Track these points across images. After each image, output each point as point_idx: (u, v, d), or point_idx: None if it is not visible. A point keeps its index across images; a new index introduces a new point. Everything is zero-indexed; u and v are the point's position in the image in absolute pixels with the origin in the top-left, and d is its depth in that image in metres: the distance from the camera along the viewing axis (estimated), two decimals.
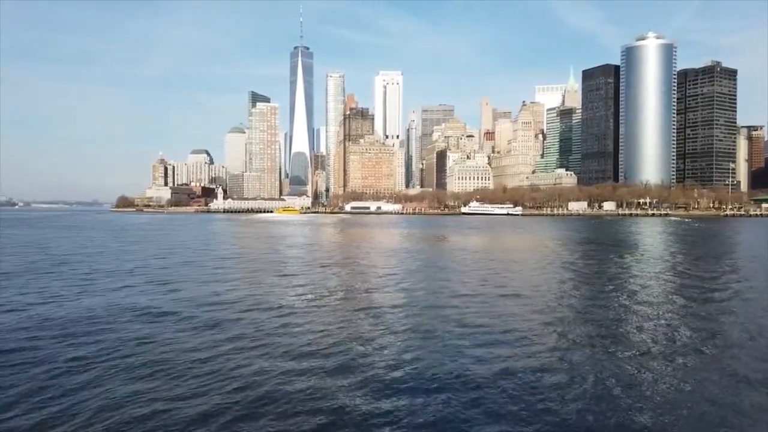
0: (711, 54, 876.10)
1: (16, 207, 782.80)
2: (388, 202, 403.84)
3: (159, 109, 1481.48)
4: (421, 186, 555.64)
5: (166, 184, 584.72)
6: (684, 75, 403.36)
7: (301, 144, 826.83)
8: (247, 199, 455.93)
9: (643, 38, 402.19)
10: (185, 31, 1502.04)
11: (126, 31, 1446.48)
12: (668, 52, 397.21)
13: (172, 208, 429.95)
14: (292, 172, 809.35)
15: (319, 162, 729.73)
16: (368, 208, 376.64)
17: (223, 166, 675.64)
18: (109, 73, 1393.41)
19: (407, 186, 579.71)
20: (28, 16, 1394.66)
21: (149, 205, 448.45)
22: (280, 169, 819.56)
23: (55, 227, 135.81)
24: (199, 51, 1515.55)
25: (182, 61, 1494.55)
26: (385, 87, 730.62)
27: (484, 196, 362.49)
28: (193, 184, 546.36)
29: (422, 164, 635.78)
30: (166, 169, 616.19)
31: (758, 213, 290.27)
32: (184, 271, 45.71)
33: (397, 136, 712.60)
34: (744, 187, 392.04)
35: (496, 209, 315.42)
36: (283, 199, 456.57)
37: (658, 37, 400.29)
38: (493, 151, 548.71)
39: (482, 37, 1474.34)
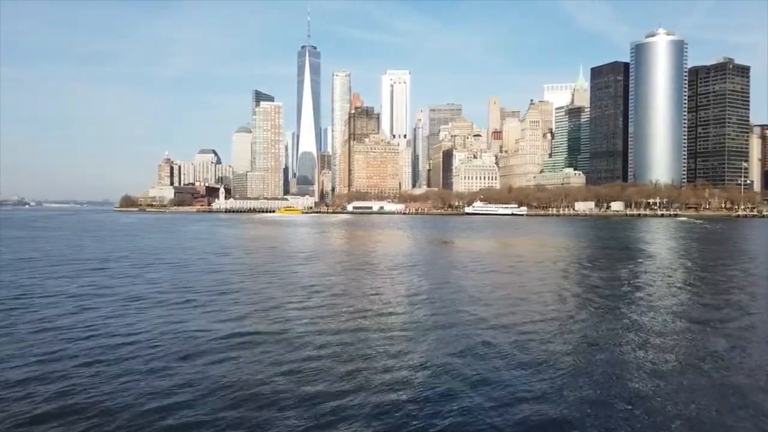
0: (726, 52, 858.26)
1: (26, 207, 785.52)
2: (390, 202, 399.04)
3: (170, 109, 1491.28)
4: (428, 186, 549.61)
5: (171, 183, 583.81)
6: (695, 72, 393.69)
7: (308, 144, 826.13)
8: (249, 198, 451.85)
9: (653, 35, 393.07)
10: (196, 32, 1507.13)
11: (138, 32, 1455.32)
12: (679, 49, 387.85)
13: (175, 207, 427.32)
14: (300, 171, 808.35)
15: (325, 161, 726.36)
16: (371, 208, 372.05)
17: (230, 166, 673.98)
18: (122, 73, 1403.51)
19: (414, 186, 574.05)
20: (37, 16, 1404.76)
21: (152, 205, 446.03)
22: (287, 168, 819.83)
23: (26, 228, 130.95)
24: (210, 51, 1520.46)
25: (193, 61, 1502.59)
26: (392, 86, 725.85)
27: (489, 196, 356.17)
28: (197, 183, 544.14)
29: (429, 164, 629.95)
30: (171, 168, 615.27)
31: None
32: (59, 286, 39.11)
33: (405, 136, 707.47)
34: (757, 186, 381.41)
35: (500, 209, 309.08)
36: (286, 199, 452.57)
37: (668, 34, 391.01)
38: (501, 151, 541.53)
39: (493, 36, 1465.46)
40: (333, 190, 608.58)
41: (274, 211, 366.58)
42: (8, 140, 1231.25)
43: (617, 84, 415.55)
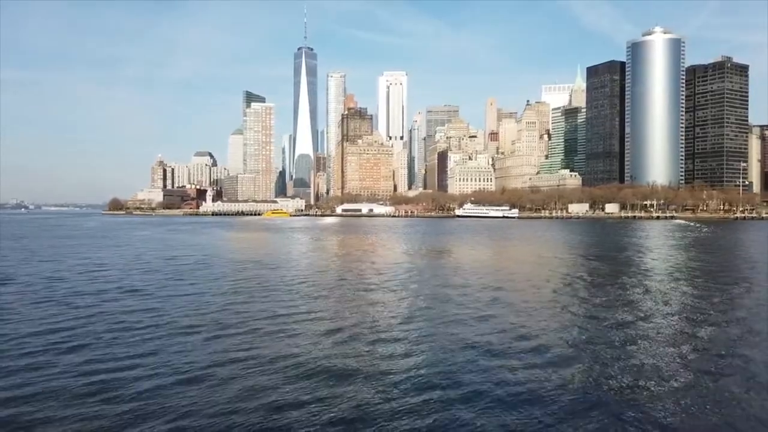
0: (734, 52, 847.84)
1: (22, 210, 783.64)
2: (381, 204, 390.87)
3: (172, 111, 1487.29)
4: (424, 188, 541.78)
5: (164, 186, 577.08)
6: (693, 71, 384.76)
7: (304, 146, 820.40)
8: (238, 201, 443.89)
9: (649, 33, 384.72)
10: (199, 34, 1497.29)
11: (142, 36, 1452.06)
12: (676, 48, 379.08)
13: (163, 210, 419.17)
14: (297, 174, 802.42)
15: (321, 163, 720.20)
16: (360, 210, 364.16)
17: (225, 168, 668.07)
18: (125, 76, 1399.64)
19: (410, 188, 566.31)
20: (40, 17, 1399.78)
21: (140, 208, 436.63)
22: (284, 170, 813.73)
23: None
24: (212, 53, 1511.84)
25: (196, 63, 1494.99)
26: (388, 87, 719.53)
27: (482, 198, 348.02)
28: (189, 186, 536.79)
29: (425, 166, 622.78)
30: (164, 171, 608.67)
31: None
32: None
33: (401, 138, 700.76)
34: (756, 188, 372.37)
35: (491, 212, 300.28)
36: (275, 201, 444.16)
37: (665, 32, 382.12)
38: (498, 152, 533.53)
39: (494, 38, 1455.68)
40: (328, 192, 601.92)
41: (260, 214, 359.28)
42: (10, 143, 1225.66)
43: (613, 84, 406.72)
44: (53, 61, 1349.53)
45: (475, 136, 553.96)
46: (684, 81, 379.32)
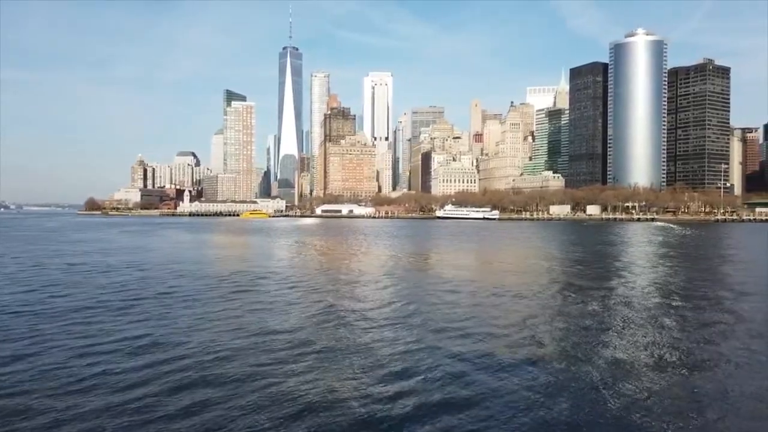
0: (722, 56, 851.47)
1: (1, 210, 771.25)
2: (362, 205, 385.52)
3: (163, 112, 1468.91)
4: (408, 188, 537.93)
5: (146, 186, 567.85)
6: (675, 73, 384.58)
7: (289, 146, 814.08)
8: (216, 201, 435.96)
9: (632, 35, 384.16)
10: (196, 34, 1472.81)
11: (140, 36, 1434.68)
12: (658, 50, 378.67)
13: (140, 211, 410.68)
14: (281, 174, 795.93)
15: (305, 164, 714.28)
16: (339, 211, 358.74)
17: (207, 169, 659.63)
18: (123, 76, 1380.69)
19: (394, 188, 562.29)
20: (40, 17, 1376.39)
21: (117, 208, 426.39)
22: (269, 171, 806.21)
23: None
24: (211, 53, 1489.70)
25: (191, 63, 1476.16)
26: (373, 88, 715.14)
27: (464, 199, 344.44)
28: (168, 186, 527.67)
29: (410, 167, 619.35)
30: (145, 171, 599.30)
31: (752, 218, 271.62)
32: None
33: (386, 138, 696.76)
34: (738, 190, 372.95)
35: (471, 213, 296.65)
36: (255, 202, 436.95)
37: (647, 34, 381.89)
38: (482, 154, 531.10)
39: (482, 40, 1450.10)
40: (311, 192, 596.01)
41: (239, 215, 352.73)
42: (10, 143, 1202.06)
43: (596, 85, 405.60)
44: (53, 61, 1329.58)
45: (459, 138, 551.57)
46: (666, 83, 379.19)
